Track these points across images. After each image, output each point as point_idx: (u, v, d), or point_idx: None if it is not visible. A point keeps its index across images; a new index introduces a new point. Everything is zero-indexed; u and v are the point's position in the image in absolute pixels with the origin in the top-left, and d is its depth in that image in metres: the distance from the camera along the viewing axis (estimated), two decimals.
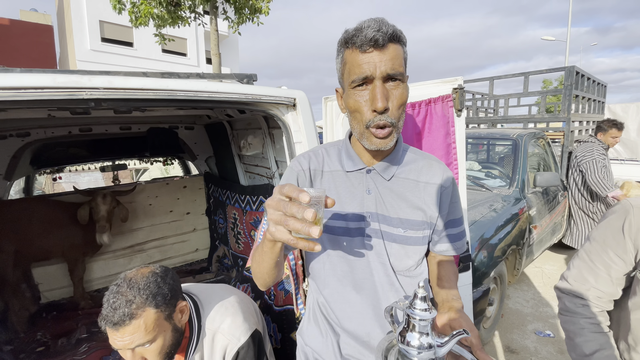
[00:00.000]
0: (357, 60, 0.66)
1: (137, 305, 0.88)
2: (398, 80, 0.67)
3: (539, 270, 3.62)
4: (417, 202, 0.78)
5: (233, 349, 1.06)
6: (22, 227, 2.24)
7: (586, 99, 4.34)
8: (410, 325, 0.58)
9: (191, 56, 17.32)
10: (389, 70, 0.65)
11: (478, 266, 2.12)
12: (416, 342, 0.57)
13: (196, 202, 3.24)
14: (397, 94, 0.67)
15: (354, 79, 0.67)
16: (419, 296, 0.58)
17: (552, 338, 2.47)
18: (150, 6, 6.51)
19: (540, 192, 3.12)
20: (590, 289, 0.83)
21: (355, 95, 0.68)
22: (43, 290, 2.54)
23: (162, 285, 0.95)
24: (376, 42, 0.63)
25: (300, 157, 0.83)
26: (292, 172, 0.81)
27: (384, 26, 0.64)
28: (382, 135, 0.68)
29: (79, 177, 6.20)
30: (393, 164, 0.78)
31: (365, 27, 0.64)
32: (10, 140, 2.25)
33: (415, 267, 0.81)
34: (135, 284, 0.91)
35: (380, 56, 0.64)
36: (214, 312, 1.10)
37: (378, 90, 0.65)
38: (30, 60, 12.79)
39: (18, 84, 0.86)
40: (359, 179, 0.78)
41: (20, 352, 1.99)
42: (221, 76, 1.37)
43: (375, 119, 0.67)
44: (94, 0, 13.94)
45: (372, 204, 0.77)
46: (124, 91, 0.95)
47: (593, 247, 0.85)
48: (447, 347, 0.58)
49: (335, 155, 0.83)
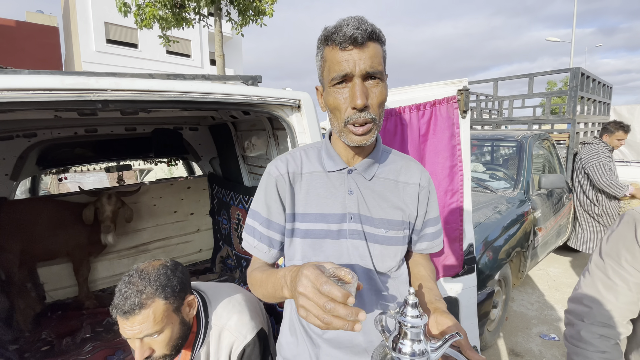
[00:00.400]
0: (337, 57, 0.65)
1: (147, 295, 0.91)
2: (377, 79, 0.67)
3: (544, 272, 3.60)
4: (397, 202, 0.78)
5: (239, 346, 1.07)
6: (28, 227, 2.26)
7: (591, 101, 4.31)
8: (402, 332, 0.58)
9: (195, 57, 17.40)
10: (368, 68, 0.64)
11: (482, 268, 2.11)
12: (409, 349, 0.57)
13: (200, 202, 3.25)
14: (377, 91, 0.67)
15: (334, 77, 0.66)
16: (410, 303, 0.58)
17: (556, 341, 2.45)
18: (155, 8, 6.55)
19: (545, 194, 3.10)
20: (614, 309, 0.77)
21: (335, 93, 0.68)
22: (48, 289, 2.56)
23: (171, 277, 0.97)
24: (355, 39, 0.63)
25: (277, 161, 0.81)
26: (270, 178, 0.79)
27: (363, 24, 0.63)
28: (361, 132, 0.68)
29: (84, 178, 6.24)
30: (374, 164, 0.79)
31: (345, 24, 0.64)
32: (17, 141, 2.28)
33: (397, 268, 0.82)
34: (147, 275, 0.94)
35: (359, 54, 0.64)
36: (221, 309, 1.11)
37: (357, 88, 0.65)
38: (36, 61, 12.90)
39: (26, 86, 0.87)
40: (340, 179, 0.78)
41: (25, 351, 2.00)
42: (226, 78, 1.38)
43: (355, 116, 0.67)
44: (100, 2, 14.05)
45: (354, 204, 0.76)
46: (130, 93, 0.96)
47: (608, 263, 0.79)
48: (441, 352, 0.58)
49: (315, 156, 0.81)
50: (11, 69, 1.11)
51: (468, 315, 1.59)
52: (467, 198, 1.45)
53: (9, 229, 2.16)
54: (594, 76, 4.26)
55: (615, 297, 0.77)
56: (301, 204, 0.78)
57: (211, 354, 1.09)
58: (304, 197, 0.78)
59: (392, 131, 1.33)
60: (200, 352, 1.07)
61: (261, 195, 0.80)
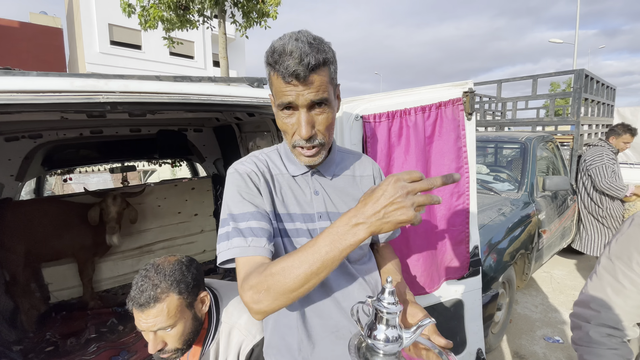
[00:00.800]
0: (281, 88, 0.66)
1: (162, 289, 0.93)
2: (323, 106, 0.69)
3: (548, 275, 3.58)
4: (358, 194, 0.83)
5: (248, 345, 1.08)
6: (33, 228, 2.27)
7: (595, 102, 4.29)
8: (378, 319, 0.61)
9: (198, 59, 17.47)
10: (312, 97, 0.66)
11: (486, 271, 2.10)
12: (383, 336, 0.60)
13: (204, 203, 3.26)
14: (322, 118, 0.70)
15: (279, 103, 0.68)
16: (387, 290, 0.61)
17: (561, 344, 2.44)
18: (160, 10, 6.59)
19: (549, 196, 3.09)
20: (622, 313, 0.76)
21: (283, 117, 0.71)
22: (53, 290, 2.57)
23: (186, 273, 0.99)
24: (297, 76, 0.63)
25: (243, 162, 0.80)
26: (240, 176, 0.75)
27: (305, 57, 0.62)
28: (309, 154, 0.72)
29: (88, 178, 6.27)
30: (332, 164, 0.84)
31: (288, 54, 0.62)
32: (22, 142, 2.29)
33: (368, 257, 0.87)
34: (162, 270, 0.96)
35: (303, 87, 0.65)
36: (232, 307, 1.12)
37: (303, 120, 0.67)
38: (40, 63, 12.99)
39: (36, 88, 0.87)
40: (305, 182, 0.82)
41: (30, 352, 2.01)
42: (232, 80, 1.38)
43: (301, 142, 0.70)
44: (104, 4, 14.13)
45: (321, 203, 0.80)
46: (139, 95, 0.96)
47: (617, 265, 0.78)
48: (414, 337, 0.61)
49: (277, 160, 0.83)
50: (20, 70, 1.11)
51: (473, 317, 1.58)
52: (473, 200, 1.45)
53: (15, 229, 2.18)
54: (598, 78, 4.25)
55: (624, 300, 0.76)
56: (278, 204, 0.78)
57: (220, 352, 1.10)
58: (278, 197, 0.79)
59: (397, 133, 1.33)
60: (210, 348, 1.08)
61: (235, 196, 0.73)
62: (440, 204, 0.84)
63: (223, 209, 0.75)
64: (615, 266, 0.79)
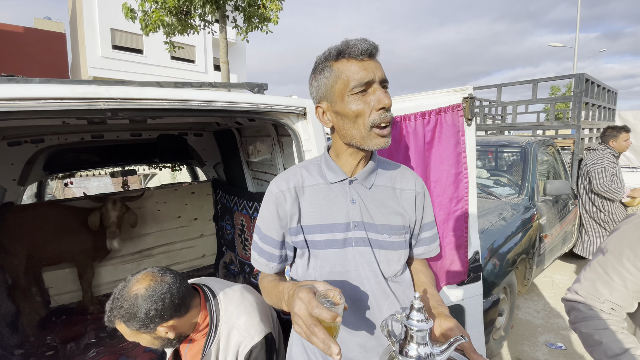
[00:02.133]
0: (355, 68, 0.71)
1: (114, 315, 0.99)
2: (386, 87, 0.75)
3: (550, 280, 3.56)
4: (397, 207, 0.83)
5: (247, 347, 1.08)
6: (34, 232, 2.27)
7: (596, 106, 4.30)
8: (408, 336, 0.60)
9: (199, 63, 17.55)
10: (383, 76, 0.73)
11: (487, 276, 2.09)
12: (415, 353, 0.58)
13: (204, 208, 3.26)
14: (389, 97, 0.74)
15: (355, 85, 0.71)
16: (415, 307, 0.60)
17: (564, 350, 2.42)
18: (161, 14, 6.64)
19: (550, 201, 3.08)
20: (605, 302, 0.81)
21: (357, 101, 0.72)
22: (53, 294, 2.57)
23: (140, 309, 0.96)
24: (370, 52, 0.71)
25: (278, 179, 0.84)
26: (270, 196, 0.83)
27: (370, 40, 0.72)
28: (385, 134, 0.74)
29: (88, 182, 6.28)
30: (372, 173, 0.83)
31: (355, 41, 0.71)
32: (24, 147, 2.30)
33: (402, 272, 0.85)
34: (120, 298, 0.99)
35: (375, 64, 0.72)
36: (233, 307, 1.13)
37: (380, 92, 0.72)
38: (44, 67, 13.09)
39: (38, 95, 0.88)
40: (342, 190, 0.81)
41: (30, 356, 2.01)
42: (233, 85, 1.39)
43: (382, 116, 0.72)
44: (106, 9, 14.24)
45: (357, 213, 0.79)
46: (139, 101, 0.97)
47: (608, 258, 0.82)
48: (446, 355, 0.59)
49: (316, 170, 0.85)
50: (23, 77, 1.12)
51: (474, 323, 1.57)
52: (473, 205, 1.45)
53: (16, 233, 2.18)
54: (599, 82, 4.25)
55: (610, 291, 0.81)
56: (306, 216, 0.81)
57: (220, 352, 1.11)
58: (308, 209, 0.81)
59: (397, 139, 1.33)
60: (211, 349, 1.09)
61: (263, 212, 0.85)
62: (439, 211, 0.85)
63: (258, 215, 0.87)
64: (607, 260, 0.83)
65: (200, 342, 1.11)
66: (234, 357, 1.10)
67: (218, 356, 1.11)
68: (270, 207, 0.82)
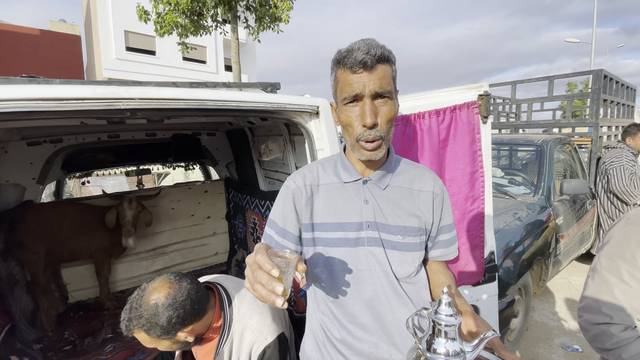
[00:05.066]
0: (348, 79, 0.71)
1: (133, 324, 0.98)
2: (386, 98, 0.72)
3: (566, 281, 3.48)
4: (412, 209, 0.81)
5: (260, 346, 1.09)
6: (53, 229, 2.33)
7: (614, 103, 4.18)
8: (436, 332, 0.57)
9: (210, 64, 17.73)
10: (377, 89, 0.69)
11: (502, 276, 2.05)
12: (443, 349, 0.56)
13: (216, 206, 3.30)
14: (385, 110, 0.72)
15: (345, 97, 0.72)
16: (444, 302, 0.57)
17: (580, 353, 2.37)
18: (175, 16, 6.73)
19: (567, 200, 3.01)
20: (633, 313, 0.76)
21: (347, 111, 0.73)
22: (71, 290, 2.64)
23: (160, 317, 0.97)
24: (365, 64, 0.68)
25: (295, 175, 0.86)
26: (287, 191, 0.84)
27: (373, 49, 0.68)
28: (371, 148, 0.73)
29: (104, 181, 6.42)
30: (387, 174, 0.82)
31: (356, 49, 0.69)
32: (43, 147, 2.37)
33: (416, 274, 0.83)
34: (139, 308, 0.99)
35: (369, 76, 0.69)
36: (246, 307, 1.14)
37: (367, 107, 0.70)
38: (59, 69, 13.40)
39: (60, 95, 0.90)
40: (356, 190, 0.81)
41: (49, 350, 2.06)
42: (246, 85, 1.40)
43: (365, 134, 0.72)
44: (119, 11, 14.52)
45: (370, 213, 0.79)
46: (157, 101, 0.99)
47: (621, 265, 0.77)
48: (477, 351, 0.56)
49: (331, 169, 0.85)
50: (44, 78, 1.15)
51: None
52: (489, 205, 1.43)
53: (36, 230, 2.24)
54: (617, 78, 4.13)
55: (633, 299, 0.76)
56: (319, 214, 0.81)
57: (233, 351, 1.12)
58: (322, 207, 0.81)
59: (411, 137, 1.32)
60: (224, 348, 1.10)
61: (279, 206, 0.85)
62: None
63: (272, 209, 0.87)
64: (619, 266, 0.77)
65: (212, 341, 1.12)
66: (247, 357, 1.11)
67: (231, 356, 1.12)
68: (288, 201, 0.82)
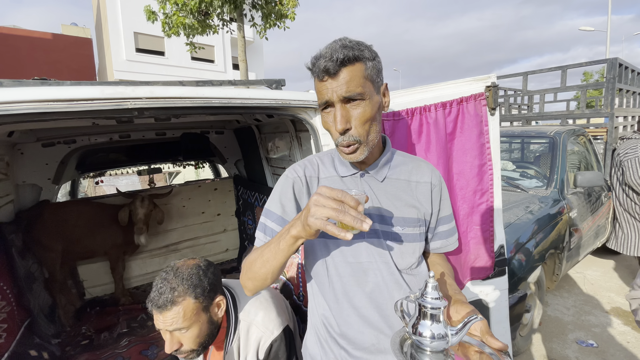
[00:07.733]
0: (318, 87, 0.72)
1: (179, 293, 0.97)
2: (358, 100, 0.71)
3: (581, 276, 3.41)
4: (411, 200, 0.82)
5: (267, 341, 1.10)
6: (69, 228, 2.40)
7: (631, 93, 4.05)
8: (422, 315, 0.59)
9: (218, 62, 17.85)
10: (344, 94, 0.69)
11: (514, 271, 2.03)
12: (429, 332, 0.58)
13: (226, 203, 3.34)
14: (358, 113, 0.71)
15: (320, 103, 0.74)
16: (430, 285, 0.59)
17: (595, 348, 2.32)
18: (182, 17, 6.79)
19: (581, 193, 2.94)
20: None
21: (325, 117, 0.75)
22: (87, 286, 2.71)
23: (203, 278, 1.02)
24: (327, 71, 0.68)
25: (296, 166, 0.86)
26: (287, 180, 0.83)
27: (335, 53, 0.67)
28: (348, 152, 0.74)
29: (117, 181, 6.56)
30: (384, 167, 0.83)
31: (321, 56, 0.69)
32: (58, 147, 2.43)
33: (417, 265, 0.84)
34: (180, 274, 1.00)
35: (334, 83, 0.69)
36: (249, 305, 1.15)
37: (337, 114, 0.71)
38: (71, 72, 13.69)
39: (70, 96, 0.93)
40: (354, 183, 0.82)
41: (67, 345, 2.13)
42: (251, 82, 1.41)
43: (339, 139, 0.73)
44: (129, 14, 14.72)
45: (368, 205, 0.79)
46: (164, 100, 1.00)
47: None
48: (461, 335, 0.58)
49: (329, 163, 0.86)
50: (55, 80, 1.18)
51: (499, 319, 1.54)
52: (498, 198, 1.41)
53: (52, 229, 2.31)
54: (633, 67, 4.00)
55: None
56: None
57: (241, 349, 1.13)
58: None
59: (417, 130, 1.31)
60: (232, 346, 1.11)
61: (276, 195, 0.84)
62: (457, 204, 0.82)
63: (269, 199, 0.85)
64: None
65: (221, 342, 1.13)
66: (254, 353, 1.12)
67: (239, 353, 1.13)
68: (288, 190, 0.82)
